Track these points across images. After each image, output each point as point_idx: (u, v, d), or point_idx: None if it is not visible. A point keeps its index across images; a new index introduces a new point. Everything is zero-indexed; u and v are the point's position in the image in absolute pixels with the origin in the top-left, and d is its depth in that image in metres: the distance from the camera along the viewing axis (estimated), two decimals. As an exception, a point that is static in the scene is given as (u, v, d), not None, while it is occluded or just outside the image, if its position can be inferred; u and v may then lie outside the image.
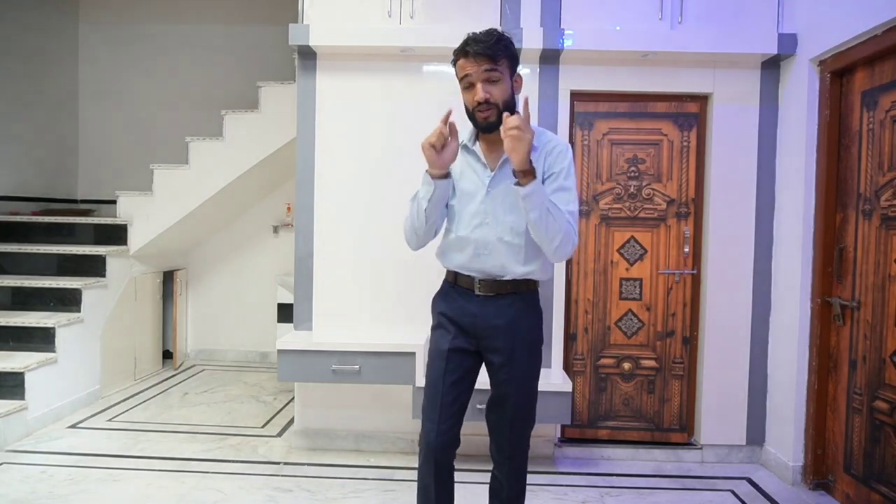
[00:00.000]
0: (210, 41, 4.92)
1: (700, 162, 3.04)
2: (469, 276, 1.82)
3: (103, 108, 4.96)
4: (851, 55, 2.51)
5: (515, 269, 1.77)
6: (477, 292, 1.81)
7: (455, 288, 1.87)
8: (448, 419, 1.79)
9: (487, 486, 1.97)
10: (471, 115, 1.75)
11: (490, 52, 1.67)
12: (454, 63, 1.75)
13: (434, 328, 1.92)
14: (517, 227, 1.75)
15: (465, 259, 1.81)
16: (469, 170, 1.81)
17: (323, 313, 3.07)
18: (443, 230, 1.90)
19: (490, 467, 1.91)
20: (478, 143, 1.81)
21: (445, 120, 1.70)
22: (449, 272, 1.92)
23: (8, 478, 2.72)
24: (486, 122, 1.71)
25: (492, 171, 1.77)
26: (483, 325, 1.80)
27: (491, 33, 1.69)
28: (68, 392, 3.55)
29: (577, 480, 2.83)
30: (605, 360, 3.12)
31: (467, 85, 1.72)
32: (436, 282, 2.33)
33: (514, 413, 1.81)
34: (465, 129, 1.82)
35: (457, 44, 1.72)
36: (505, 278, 1.79)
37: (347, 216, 3.05)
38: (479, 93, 1.68)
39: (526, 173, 1.61)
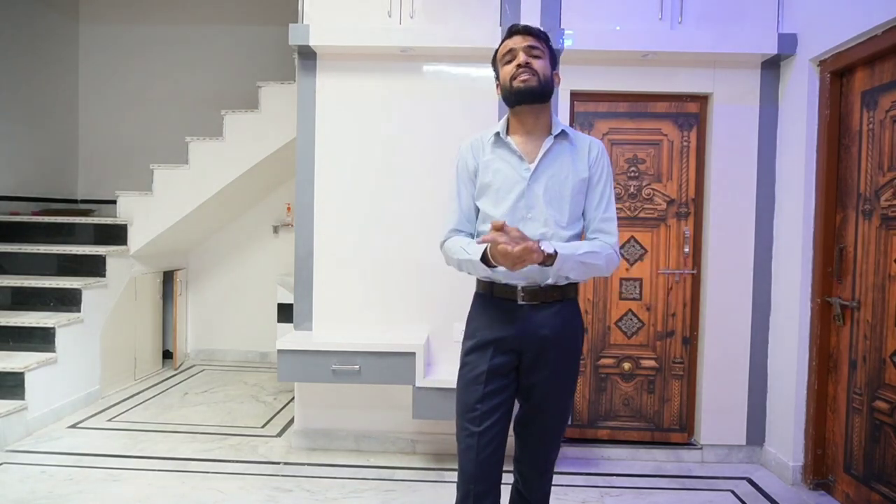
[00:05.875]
0: (210, 41, 4.92)
1: (700, 162, 3.04)
2: (508, 284, 1.65)
3: (103, 108, 4.96)
4: (851, 55, 2.51)
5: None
6: (520, 301, 1.64)
7: (493, 301, 1.69)
8: (489, 454, 1.65)
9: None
10: (508, 88, 1.66)
11: (535, 32, 1.68)
12: (495, 59, 1.74)
13: (468, 351, 1.71)
14: (560, 220, 1.64)
15: None
16: (501, 163, 1.69)
17: (323, 313, 3.07)
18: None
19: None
20: (510, 136, 1.71)
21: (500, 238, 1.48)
22: (482, 283, 1.73)
23: (8, 478, 2.72)
24: (526, 84, 1.62)
25: (530, 163, 1.66)
26: (529, 338, 1.64)
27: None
28: (68, 392, 3.55)
29: (576, 480, 2.83)
30: (605, 360, 3.12)
31: (509, 59, 1.67)
32: (435, 281, 2.31)
33: (553, 427, 1.73)
34: (492, 126, 1.78)
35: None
36: (550, 282, 1.64)
37: (347, 216, 3.05)
38: (521, 56, 1.63)
39: (545, 259, 1.52)
